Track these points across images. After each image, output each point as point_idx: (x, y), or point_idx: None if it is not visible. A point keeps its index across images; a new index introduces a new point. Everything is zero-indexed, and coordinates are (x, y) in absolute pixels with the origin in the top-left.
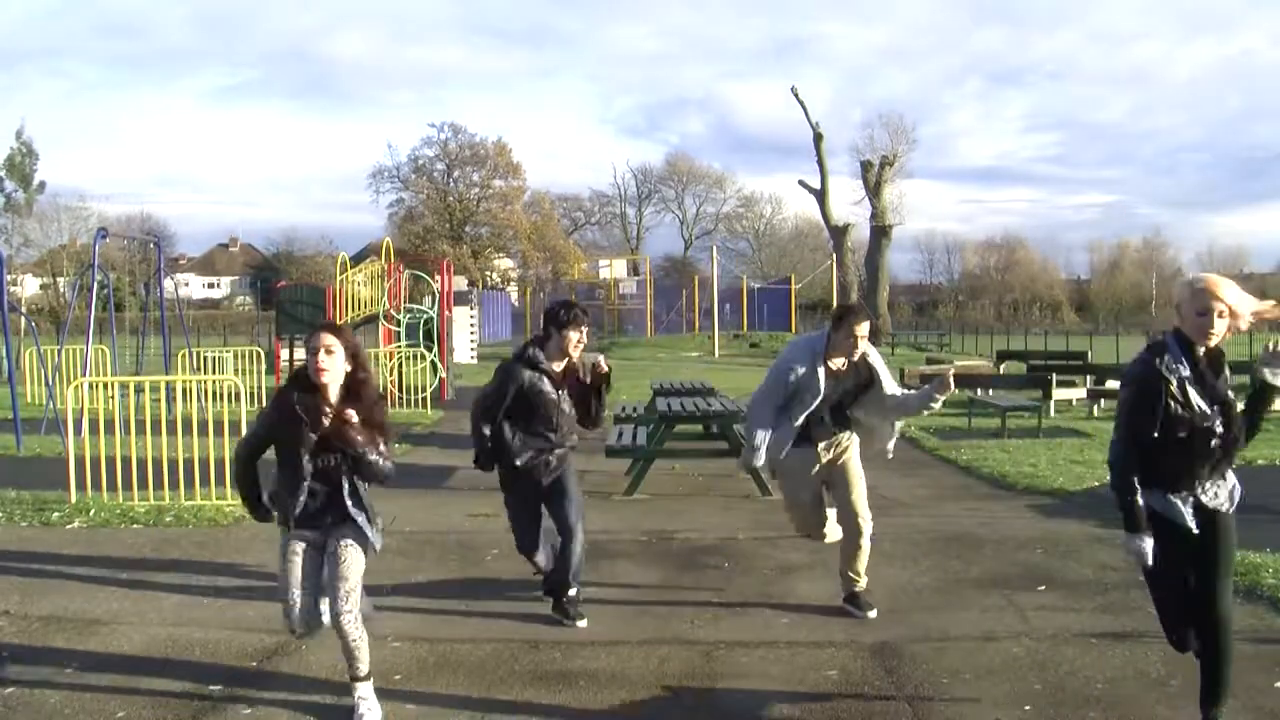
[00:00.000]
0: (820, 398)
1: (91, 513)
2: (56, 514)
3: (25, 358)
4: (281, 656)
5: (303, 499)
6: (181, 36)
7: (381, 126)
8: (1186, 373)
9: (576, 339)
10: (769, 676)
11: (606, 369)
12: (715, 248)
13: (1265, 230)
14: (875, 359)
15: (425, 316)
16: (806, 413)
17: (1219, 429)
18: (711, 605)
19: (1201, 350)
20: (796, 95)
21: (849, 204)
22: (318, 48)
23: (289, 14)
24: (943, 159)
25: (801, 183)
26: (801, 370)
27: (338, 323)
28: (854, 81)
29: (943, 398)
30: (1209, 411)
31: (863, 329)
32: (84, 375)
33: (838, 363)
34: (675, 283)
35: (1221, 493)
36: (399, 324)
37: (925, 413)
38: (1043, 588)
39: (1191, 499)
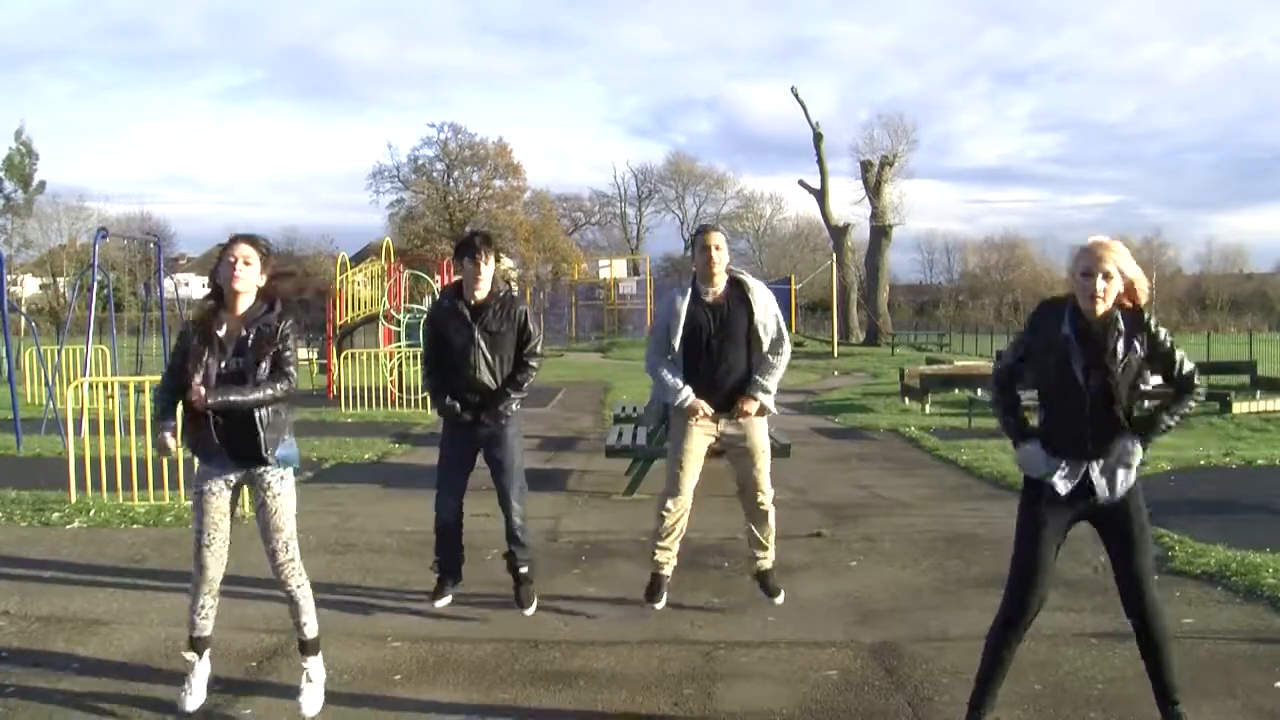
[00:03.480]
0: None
1: (91, 513)
2: (56, 514)
3: (25, 358)
4: (281, 656)
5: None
6: (190, 37)
7: (389, 127)
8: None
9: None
10: (769, 676)
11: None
12: None
13: (1267, 230)
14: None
15: (425, 316)
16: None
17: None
18: (712, 605)
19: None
20: (796, 95)
21: (849, 204)
22: (326, 48)
23: (298, 14)
24: (948, 159)
25: (802, 183)
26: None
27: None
28: (861, 82)
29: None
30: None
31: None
32: (84, 375)
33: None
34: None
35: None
36: (399, 324)
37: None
38: None
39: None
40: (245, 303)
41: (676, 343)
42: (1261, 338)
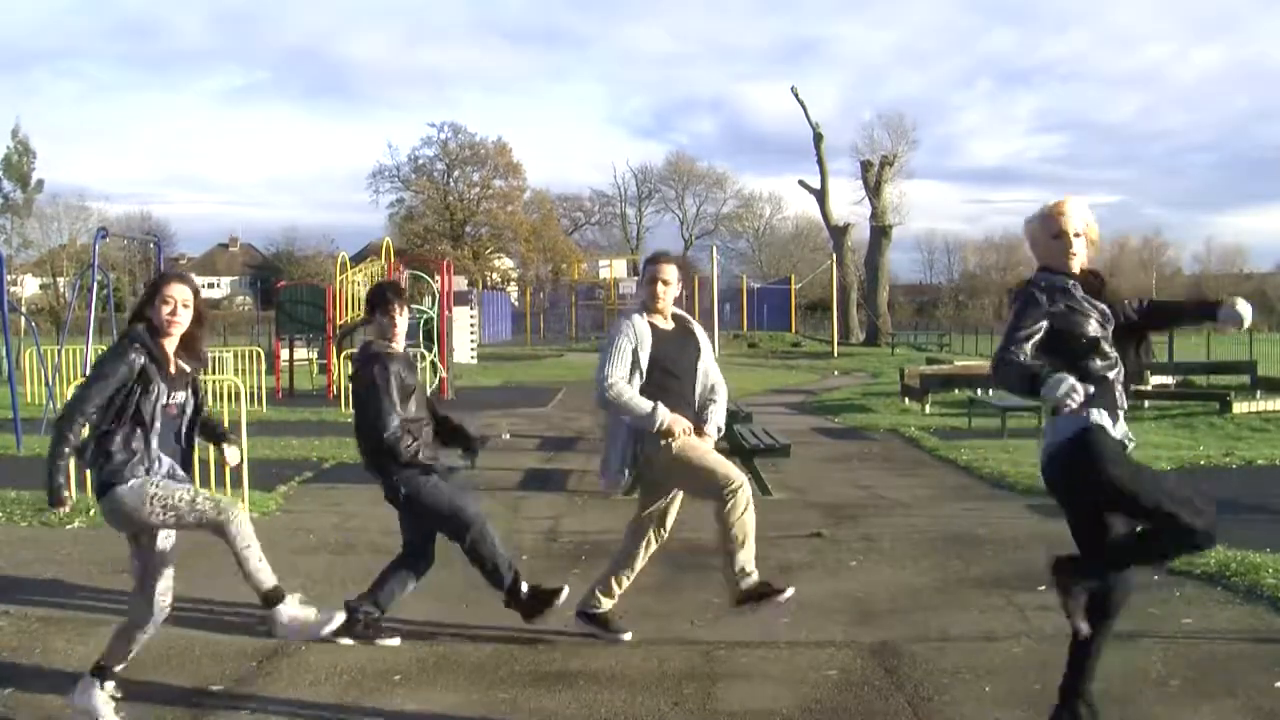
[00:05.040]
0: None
1: (91, 513)
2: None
3: (25, 358)
4: (282, 656)
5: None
6: (195, 38)
7: (393, 127)
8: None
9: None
10: (769, 676)
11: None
12: (715, 248)
13: (1267, 230)
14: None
15: (425, 316)
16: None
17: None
18: (712, 605)
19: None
20: (796, 95)
21: (849, 204)
22: (330, 49)
23: (302, 15)
24: (950, 159)
25: (802, 183)
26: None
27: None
28: (865, 83)
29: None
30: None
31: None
32: (84, 375)
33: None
34: None
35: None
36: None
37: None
38: (1043, 588)
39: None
40: (172, 345)
41: (644, 366)
42: (1261, 338)
